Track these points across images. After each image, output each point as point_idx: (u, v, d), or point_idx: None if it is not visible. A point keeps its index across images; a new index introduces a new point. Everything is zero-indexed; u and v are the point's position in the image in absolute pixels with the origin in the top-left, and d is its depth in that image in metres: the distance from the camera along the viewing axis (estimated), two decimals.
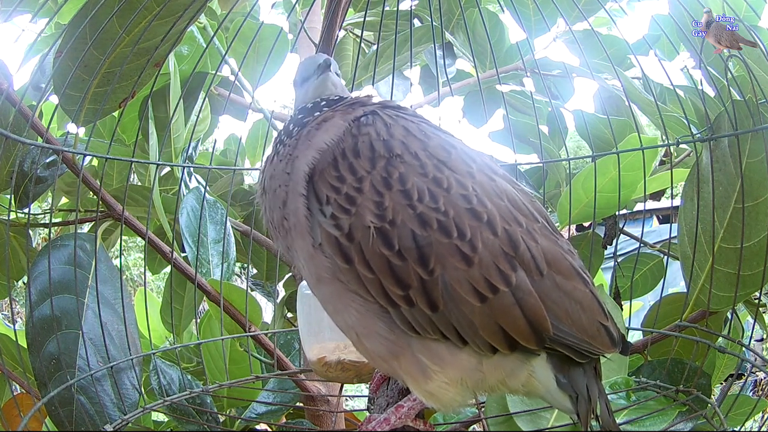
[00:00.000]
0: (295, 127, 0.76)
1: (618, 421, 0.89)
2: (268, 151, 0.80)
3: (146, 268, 1.39)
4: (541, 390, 0.69)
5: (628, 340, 1.12)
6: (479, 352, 0.66)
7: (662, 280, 1.25)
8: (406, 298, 0.64)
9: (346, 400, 2.21)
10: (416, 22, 1.71)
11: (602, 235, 1.60)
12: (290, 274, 1.69)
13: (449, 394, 0.68)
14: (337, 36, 1.31)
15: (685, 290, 1.14)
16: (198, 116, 1.52)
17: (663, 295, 1.17)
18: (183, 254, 1.43)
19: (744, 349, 1.18)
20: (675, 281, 1.79)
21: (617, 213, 1.47)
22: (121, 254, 1.29)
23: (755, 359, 1.09)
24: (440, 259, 0.63)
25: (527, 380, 0.69)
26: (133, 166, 1.53)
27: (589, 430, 0.68)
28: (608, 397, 0.94)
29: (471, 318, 0.64)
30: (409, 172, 0.66)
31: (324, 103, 0.78)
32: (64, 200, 1.71)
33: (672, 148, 1.54)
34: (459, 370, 0.67)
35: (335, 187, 0.67)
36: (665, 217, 4.78)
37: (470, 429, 1.11)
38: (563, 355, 0.67)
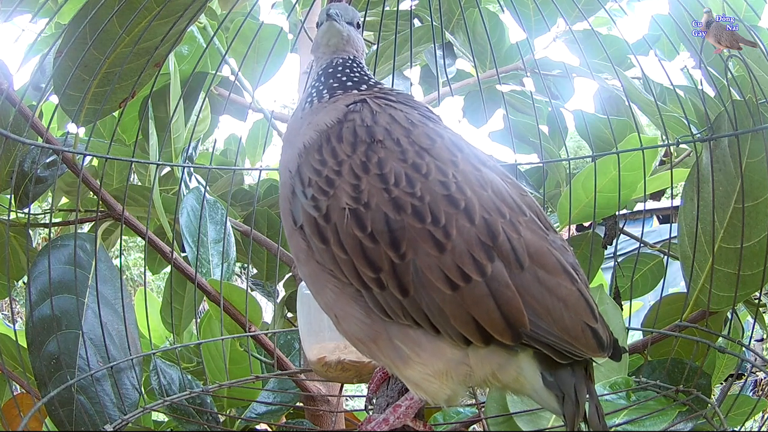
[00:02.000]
0: (319, 96, 0.79)
1: (618, 421, 0.89)
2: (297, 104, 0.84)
3: (146, 268, 1.39)
4: (527, 388, 0.68)
5: (628, 340, 1.13)
6: (459, 344, 0.65)
7: (662, 280, 1.25)
8: (377, 281, 0.64)
9: (346, 400, 2.21)
10: (416, 22, 1.71)
11: (602, 235, 1.60)
12: (290, 274, 1.69)
13: (434, 386, 0.68)
14: None
15: (685, 290, 1.14)
16: (198, 116, 1.52)
17: (663, 295, 1.17)
18: (183, 254, 1.43)
19: (744, 349, 1.18)
20: (675, 281, 1.79)
21: (617, 213, 1.47)
22: (121, 254, 1.29)
23: (755, 359, 1.09)
24: (412, 243, 0.63)
25: (516, 377, 0.68)
26: (133, 166, 1.53)
27: (576, 431, 0.67)
28: (608, 397, 0.94)
29: (441, 306, 0.63)
30: (388, 157, 0.67)
31: (348, 82, 0.80)
32: (64, 200, 1.71)
33: (672, 148, 1.54)
34: (441, 362, 0.66)
35: (317, 170, 0.68)
36: (665, 217, 4.78)
37: (470, 429, 1.11)
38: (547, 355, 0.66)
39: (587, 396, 0.68)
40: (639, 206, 1.67)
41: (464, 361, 0.66)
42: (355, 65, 0.83)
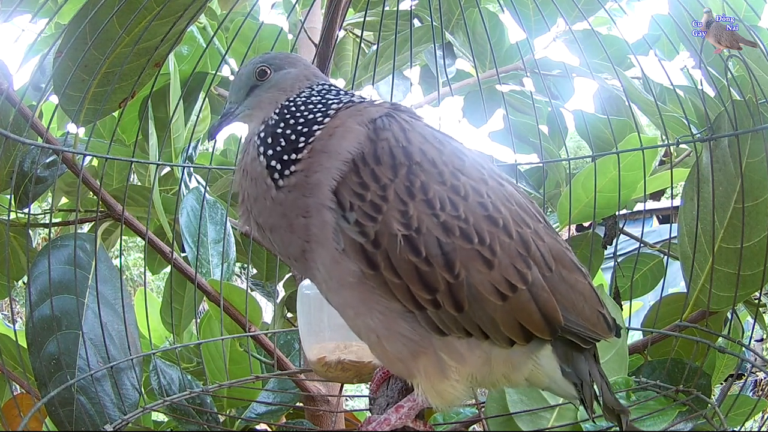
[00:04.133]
0: (299, 137, 0.73)
1: None
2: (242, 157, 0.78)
3: (146, 268, 1.39)
4: (545, 381, 0.74)
5: (628, 340, 1.13)
6: (491, 347, 0.70)
7: (662, 280, 1.25)
8: (433, 302, 0.67)
9: (346, 400, 2.21)
10: (416, 22, 1.71)
11: (602, 235, 1.60)
12: (290, 274, 1.69)
13: (456, 392, 0.71)
14: (337, 36, 1.31)
15: (685, 290, 1.14)
16: (198, 116, 1.52)
17: (663, 295, 1.17)
18: (183, 254, 1.43)
19: (744, 349, 1.18)
20: (675, 281, 1.79)
21: (617, 213, 1.47)
22: (121, 254, 1.29)
23: (755, 359, 1.09)
24: (464, 263, 0.66)
25: (531, 372, 0.73)
26: (133, 166, 1.53)
27: (593, 414, 0.74)
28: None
29: (493, 315, 0.67)
30: (429, 181, 0.68)
31: (324, 108, 0.75)
32: (64, 200, 1.71)
33: (672, 148, 1.54)
34: (472, 366, 0.70)
35: (358, 194, 0.67)
36: (665, 217, 4.78)
37: (470, 429, 1.11)
38: (566, 346, 0.72)
39: (600, 377, 0.75)
40: (639, 206, 1.67)
41: (487, 362, 0.71)
42: (295, 104, 0.77)
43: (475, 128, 1.86)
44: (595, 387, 0.75)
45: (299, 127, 0.73)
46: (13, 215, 1.36)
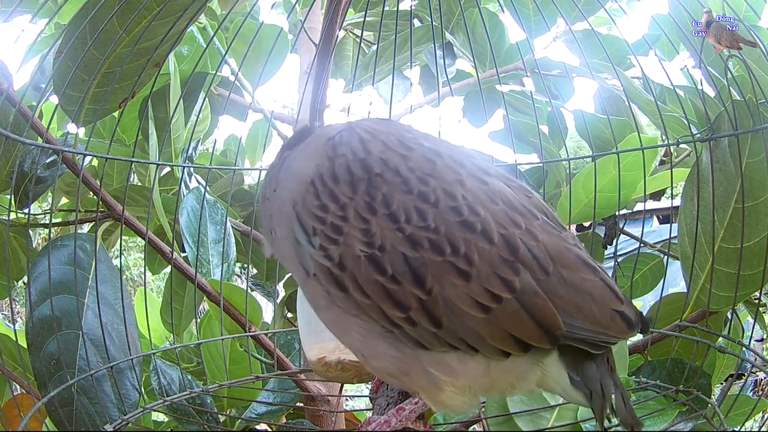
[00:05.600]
0: (282, 153, 0.74)
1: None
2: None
3: (146, 268, 1.39)
4: (557, 389, 0.68)
5: (628, 340, 1.12)
6: (488, 358, 0.65)
7: (662, 280, 1.25)
8: (407, 320, 0.63)
9: (346, 400, 2.21)
10: (416, 22, 1.71)
11: (602, 235, 1.60)
12: (290, 274, 1.69)
13: (457, 401, 0.67)
14: (337, 36, 1.31)
15: (685, 290, 1.14)
16: (198, 116, 1.52)
17: (663, 295, 1.17)
18: (183, 254, 1.43)
19: (744, 349, 1.18)
20: (675, 281, 1.79)
21: (617, 213, 1.47)
22: (121, 254, 1.29)
23: (755, 359, 1.09)
24: (437, 277, 0.61)
25: (540, 380, 0.67)
26: (133, 166, 1.53)
27: (604, 428, 0.67)
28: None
29: (477, 329, 0.62)
30: (392, 192, 0.63)
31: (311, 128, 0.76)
32: (64, 200, 1.71)
33: (672, 148, 1.54)
34: (467, 378, 0.66)
35: (320, 217, 0.65)
36: (665, 217, 4.77)
37: (470, 429, 1.11)
38: (575, 352, 0.66)
39: (613, 387, 0.67)
40: (639, 206, 1.67)
41: (486, 373, 0.66)
42: None
43: (475, 128, 1.86)
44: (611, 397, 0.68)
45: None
46: (13, 215, 1.36)
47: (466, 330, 0.63)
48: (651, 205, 1.81)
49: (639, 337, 1.31)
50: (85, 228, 1.90)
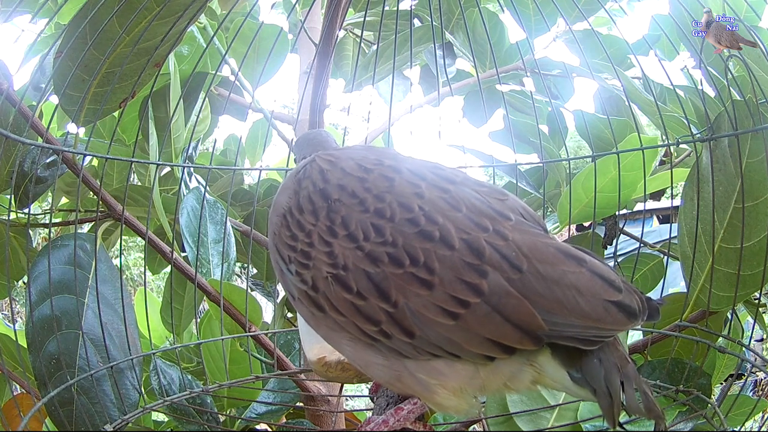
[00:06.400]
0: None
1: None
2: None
3: (146, 268, 1.39)
4: (558, 387, 0.67)
5: (628, 340, 1.12)
6: (481, 361, 0.64)
7: (662, 280, 1.25)
8: (381, 332, 0.65)
9: (346, 400, 2.21)
10: (416, 22, 1.71)
11: (602, 235, 1.60)
12: None
13: (453, 402, 0.68)
14: (337, 36, 1.31)
15: (685, 290, 1.14)
16: (198, 116, 1.52)
17: (663, 295, 1.17)
18: (183, 254, 1.43)
19: (744, 349, 1.18)
20: (675, 281, 1.79)
21: (617, 213, 1.47)
22: (121, 254, 1.29)
23: (755, 359, 1.09)
24: (400, 290, 0.63)
25: (538, 378, 0.66)
26: (133, 166, 1.53)
27: (617, 428, 0.65)
28: None
29: (450, 336, 0.63)
30: (350, 213, 0.66)
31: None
32: (64, 200, 1.71)
33: (672, 148, 1.54)
34: (457, 381, 0.67)
35: (291, 246, 0.70)
36: (665, 217, 4.78)
37: (470, 429, 1.11)
38: (571, 348, 0.63)
39: (623, 380, 0.64)
40: (639, 206, 1.67)
41: (476, 375, 0.66)
42: None
43: (475, 128, 1.86)
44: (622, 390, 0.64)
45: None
46: (13, 215, 1.36)
47: (439, 338, 0.63)
48: (651, 205, 1.81)
49: (640, 336, 1.31)
50: (85, 228, 1.90)
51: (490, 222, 0.65)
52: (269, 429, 1.41)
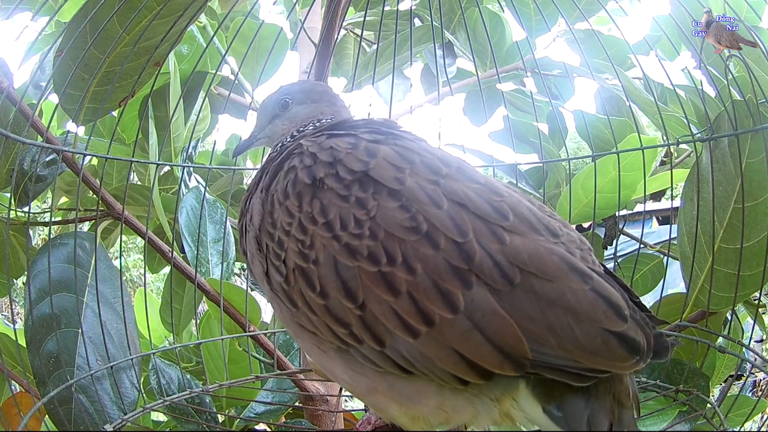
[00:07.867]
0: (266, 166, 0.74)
1: None
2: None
3: (146, 267, 1.39)
4: (527, 423, 0.58)
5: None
6: (453, 385, 0.57)
7: (662, 280, 1.25)
8: (352, 336, 0.59)
9: (346, 400, 2.20)
10: (416, 22, 1.71)
11: (602, 236, 1.60)
12: None
13: (419, 425, 0.62)
14: (337, 36, 1.31)
15: (685, 290, 1.14)
16: (198, 116, 1.52)
17: (663, 295, 1.17)
18: (182, 254, 1.43)
19: (744, 349, 1.18)
20: (675, 281, 1.79)
21: (617, 213, 1.47)
22: (121, 254, 1.29)
23: (755, 359, 1.09)
24: (367, 290, 0.57)
25: (509, 412, 0.58)
26: (133, 165, 1.53)
27: None
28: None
29: (422, 350, 0.56)
30: (332, 199, 0.61)
31: (290, 139, 0.78)
32: (63, 199, 1.71)
33: (672, 148, 1.54)
34: (419, 408, 0.60)
35: (270, 233, 0.65)
36: (665, 218, 4.77)
37: (470, 429, 1.10)
38: (551, 380, 0.55)
39: (612, 424, 0.55)
40: (639, 207, 1.67)
41: (440, 407, 0.59)
42: (292, 136, 0.80)
43: (476, 127, 1.86)
44: None
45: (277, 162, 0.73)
46: (12, 214, 1.36)
47: (411, 350, 0.56)
48: (651, 205, 1.81)
49: None
50: (85, 227, 1.90)
51: (482, 222, 0.58)
52: (268, 429, 1.41)
